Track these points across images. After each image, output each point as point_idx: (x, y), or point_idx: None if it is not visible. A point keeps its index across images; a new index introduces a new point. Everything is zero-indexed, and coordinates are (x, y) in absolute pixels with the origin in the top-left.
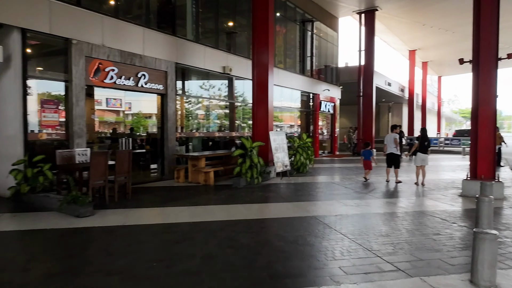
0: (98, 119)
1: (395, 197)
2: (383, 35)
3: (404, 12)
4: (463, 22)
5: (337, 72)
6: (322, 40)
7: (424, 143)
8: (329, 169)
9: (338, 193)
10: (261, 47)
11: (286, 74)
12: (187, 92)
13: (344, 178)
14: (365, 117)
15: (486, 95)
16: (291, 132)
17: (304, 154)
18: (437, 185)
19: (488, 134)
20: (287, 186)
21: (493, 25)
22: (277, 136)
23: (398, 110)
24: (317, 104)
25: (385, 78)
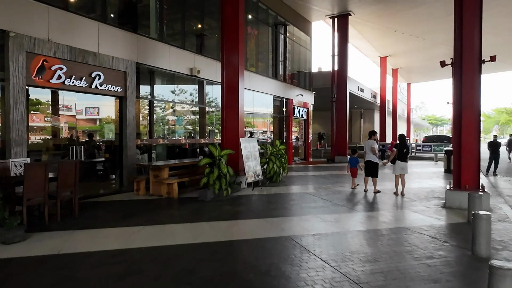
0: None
1: (376, 209)
2: (355, 41)
3: (376, 18)
4: (433, 29)
5: (310, 77)
6: (295, 44)
7: (403, 151)
8: (303, 177)
9: (315, 206)
10: (231, 47)
11: (258, 78)
12: (151, 95)
13: (320, 188)
14: (338, 123)
15: (470, 97)
16: (264, 138)
17: (277, 162)
18: (417, 194)
19: (472, 139)
20: (259, 198)
21: (476, 26)
22: (249, 143)
23: (370, 116)
24: (290, 109)
25: (358, 83)
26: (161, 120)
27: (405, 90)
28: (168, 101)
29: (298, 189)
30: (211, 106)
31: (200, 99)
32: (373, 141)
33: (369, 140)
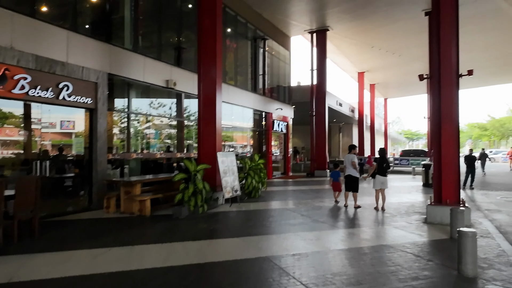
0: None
1: (357, 226)
2: (334, 56)
3: (354, 33)
4: (408, 45)
5: (289, 91)
6: (275, 58)
7: (383, 165)
8: (283, 192)
9: (294, 222)
10: (208, 60)
11: (237, 91)
12: (125, 107)
13: (299, 204)
14: (318, 137)
15: (449, 111)
16: (243, 152)
17: (256, 177)
18: (398, 209)
19: (452, 153)
20: (236, 214)
21: (453, 40)
22: (226, 157)
23: (349, 130)
24: (270, 123)
25: (337, 98)
26: (136, 134)
27: (382, 105)
28: (143, 114)
29: (278, 205)
30: (190, 120)
31: (178, 112)
32: (353, 155)
33: (349, 154)
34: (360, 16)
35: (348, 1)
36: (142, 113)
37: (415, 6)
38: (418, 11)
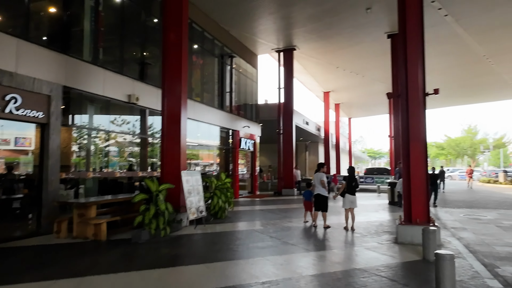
0: None
1: (329, 248)
2: (300, 76)
3: (319, 54)
4: (371, 66)
5: (256, 109)
6: (242, 75)
7: (352, 184)
8: (250, 212)
9: (263, 245)
10: (173, 75)
11: (203, 108)
12: (82, 123)
13: (268, 224)
14: (285, 155)
15: (416, 129)
16: (209, 171)
17: (222, 197)
18: (367, 229)
19: (421, 172)
20: (202, 237)
21: (419, 60)
22: (191, 176)
23: (315, 149)
24: (237, 141)
25: (303, 117)
26: (94, 151)
27: (346, 125)
28: (102, 130)
29: (245, 226)
30: (154, 137)
31: (142, 129)
32: (322, 173)
33: (318, 173)
34: (326, 36)
35: (314, 22)
36: (101, 129)
37: (378, 29)
38: (381, 33)
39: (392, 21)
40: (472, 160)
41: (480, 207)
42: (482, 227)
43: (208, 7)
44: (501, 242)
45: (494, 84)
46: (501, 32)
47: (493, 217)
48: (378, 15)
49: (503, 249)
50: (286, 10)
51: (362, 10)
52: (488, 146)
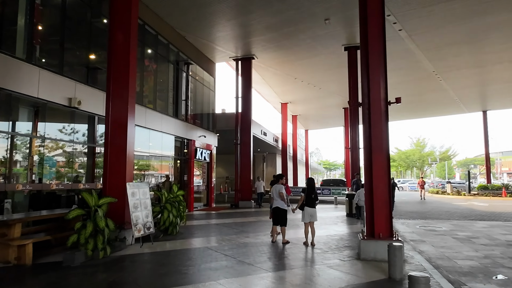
0: None
1: (289, 267)
2: (258, 86)
3: (278, 64)
4: (328, 79)
5: (213, 118)
6: (198, 83)
7: (312, 196)
8: (205, 227)
9: (217, 266)
10: (119, 77)
11: (156, 116)
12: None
13: (223, 240)
14: (242, 166)
15: (379, 139)
16: (161, 182)
17: (173, 211)
18: (328, 244)
19: (383, 184)
20: (148, 258)
21: (382, 68)
22: (138, 188)
23: (272, 160)
24: (192, 151)
25: (261, 127)
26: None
27: (303, 137)
28: (33, 136)
29: (198, 243)
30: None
31: (90, 137)
32: (280, 185)
33: (277, 185)
34: (284, 46)
35: (273, 31)
36: (32, 135)
37: (335, 41)
38: (338, 46)
39: (349, 33)
40: (420, 171)
41: (433, 218)
42: (440, 239)
43: (163, 10)
44: (461, 255)
45: (442, 100)
46: (449, 50)
47: (448, 228)
48: (336, 27)
49: (464, 263)
50: (244, 17)
51: (320, 22)
52: (436, 158)
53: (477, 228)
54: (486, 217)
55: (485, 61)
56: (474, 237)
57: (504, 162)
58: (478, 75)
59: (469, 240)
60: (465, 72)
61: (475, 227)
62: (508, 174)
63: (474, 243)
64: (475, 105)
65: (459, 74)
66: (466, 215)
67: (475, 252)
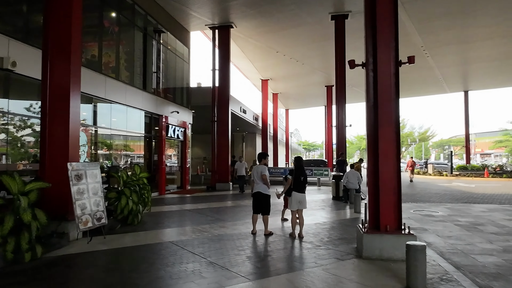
0: None
1: (272, 272)
2: (237, 61)
3: (259, 34)
4: (312, 54)
5: (188, 93)
6: (171, 54)
7: (300, 178)
8: (174, 214)
9: (180, 271)
10: (59, 28)
11: (119, 87)
12: None
13: (193, 232)
14: (220, 146)
15: (388, 111)
16: (132, 163)
17: (134, 197)
18: (318, 235)
19: (392, 165)
20: (93, 259)
21: (393, 18)
22: (84, 170)
23: (252, 140)
24: (163, 128)
25: (240, 104)
26: None
27: (283, 117)
28: None
29: (162, 236)
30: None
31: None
32: (263, 166)
33: (259, 165)
34: (266, 13)
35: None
36: None
37: (322, 8)
38: (325, 14)
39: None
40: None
41: (425, 201)
42: (443, 227)
43: None
44: (476, 249)
45: (426, 79)
46: (440, 22)
47: (445, 213)
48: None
49: (486, 260)
50: None
51: None
52: (415, 139)
53: (476, 212)
54: (479, 199)
55: (475, 36)
56: (478, 223)
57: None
58: (466, 51)
59: (475, 228)
60: (453, 48)
61: (473, 211)
62: (481, 155)
63: (483, 232)
64: (458, 85)
65: (447, 50)
66: (457, 198)
67: (490, 244)
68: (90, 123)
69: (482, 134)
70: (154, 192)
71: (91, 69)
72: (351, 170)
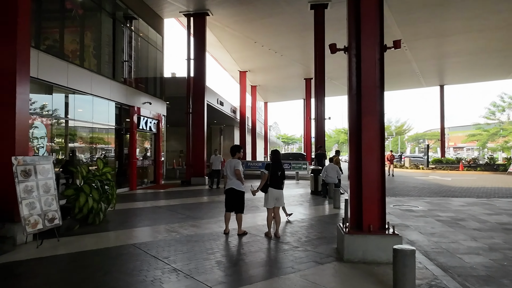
0: None
1: (245, 280)
2: (215, 51)
3: (236, 23)
4: (291, 45)
5: (162, 83)
6: (143, 42)
7: (277, 173)
8: (143, 212)
9: (139, 279)
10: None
11: (84, 74)
12: None
13: (160, 232)
14: (195, 139)
15: (371, 99)
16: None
17: (94, 194)
18: (296, 234)
19: (375, 159)
20: (39, 267)
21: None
22: (33, 165)
23: (230, 133)
24: (134, 120)
25: (217, 96)
26: None
27: (262, 110)
28: None
29: (125, 238)
30: None
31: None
32: (237, 160)
33: (232, 160)
34: (243, 0)
35: None
36: None
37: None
38: (304, 2)
39: None
40: None
41: (403, 195)
42: (424, 223)
43: None
44: (461, 248)
45: (403, 72)
46: (420, 14)
47: (426, 208)
48: None
49: (473, 260)
50: None
51: None
52: (392, 132)
53: (456, 206)
54: (457, 193)
55: (454, 29)
56: (459, 219)
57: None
58: (444, 45)
59: (457, 224)
60: (431, 42)
61: (453, 206)
62: (454, 148)
63: (465, 228)
64: (434, 79)
65: (426, 44)
66: (436, 191)
67: (474, 242)
68: (49, 113)
69: (455, 128)
70: (124, 188)
71: (51, 55)
72: (330, 163)
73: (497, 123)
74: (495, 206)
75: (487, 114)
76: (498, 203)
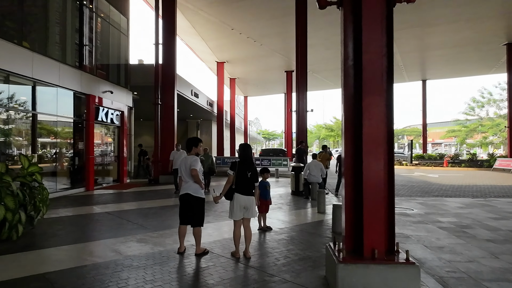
0: None
1: None
2: (189, 38)
3: (210, 5)
4: (271, 32)
5: (127, 70)
6: (104, 23)
7: (247, 174)
8: (84, 220)
9: None
10: None
11: (22, 54)
12: None
13: (93, 252)
14: (164, 133)
15: (376, 72)
16: (26, 152)
17: (9, 202)
18: (272, 253)
19: (382, 159)
20: None
21: None
22: None
23: (208, 127)
24: (92, 110)
25: (192, 87)
26: None
27: (242, 105)
28: None
29: (41, 263)
30: None
31: None
32: (194, 157)
33: (188, 157)
34: None
35: None
36: None
37: None
38: None
39: None
40: None
41: None
42: (426, 232)
43: None
44: (484, 270)
45: None
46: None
47: (421, 210)
48: None
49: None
50: None
51: None
52: None
53: (454, 209)
54: (449, 192)
55: (441, 17)
56: (464, 225)
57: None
58: (429, 35)
59: (464, 233)
60: (417, 31)
61: (450, 208)
62: (432, 144)
63: (476, 239)
64: (417, 73)
65: (411, 33)
66: (426, 190)
67: (497, 261)
68: None
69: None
70: (79, 188)
71: None
72: (313, 160)
73: (476, 119)
74: (497, 208)
75: (467, 110)
76: (498, 204)
